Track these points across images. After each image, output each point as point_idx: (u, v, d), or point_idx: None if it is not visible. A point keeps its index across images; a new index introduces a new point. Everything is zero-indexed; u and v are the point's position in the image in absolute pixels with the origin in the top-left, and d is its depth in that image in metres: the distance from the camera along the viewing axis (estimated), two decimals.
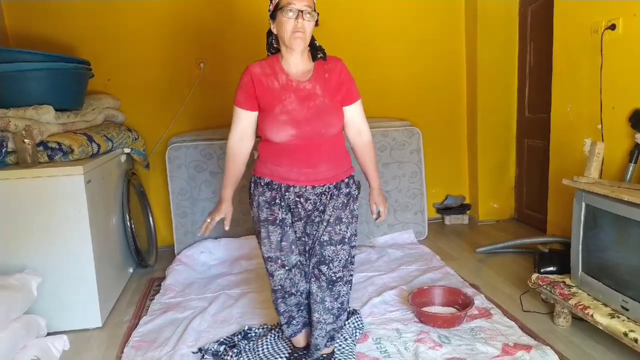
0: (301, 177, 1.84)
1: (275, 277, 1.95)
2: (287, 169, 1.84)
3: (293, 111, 1.77)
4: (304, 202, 1.87)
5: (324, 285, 1.92)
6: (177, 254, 3.43)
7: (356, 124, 1.93)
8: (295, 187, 1.85)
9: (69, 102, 2.86)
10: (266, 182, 1.88)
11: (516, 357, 2.08)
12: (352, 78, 1.90)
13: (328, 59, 1.85)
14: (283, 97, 1.78)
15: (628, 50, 2.54)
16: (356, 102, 1.91)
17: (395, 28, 3.94)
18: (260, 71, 1.81)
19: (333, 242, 1.88)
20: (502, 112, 4.02)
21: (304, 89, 1.80)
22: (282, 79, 1.80)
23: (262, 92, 1.80)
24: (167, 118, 3.73)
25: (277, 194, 1.87)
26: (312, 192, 1.86)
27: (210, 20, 3.67)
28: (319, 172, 1.84)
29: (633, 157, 2.51)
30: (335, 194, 1.88)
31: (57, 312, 2.48)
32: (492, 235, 3.80)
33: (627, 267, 2.08)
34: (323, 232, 1.88)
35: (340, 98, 1.86)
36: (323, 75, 1.83)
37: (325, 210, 1.88)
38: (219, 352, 2.21)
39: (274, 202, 1.87)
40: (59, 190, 2.43)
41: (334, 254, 1.89)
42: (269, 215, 1.88)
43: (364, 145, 1.96)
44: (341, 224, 1.89)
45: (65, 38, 3.48)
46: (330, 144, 1.85)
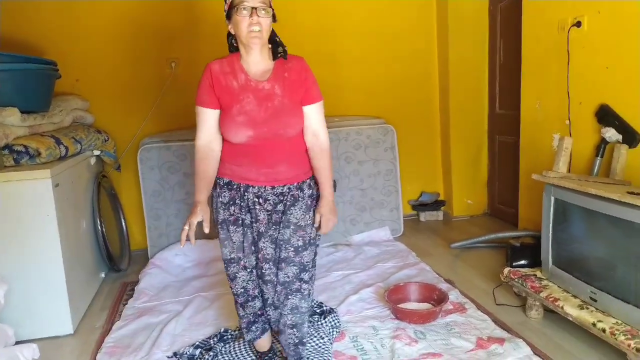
0: (260, 177, 1.81)
1: (238, 280, 1.92)
2: (246, 169, 1.81)
3: (251, 112, 1.74)
4: (263, 202, 1.83)
5: (305, 292, 1.88)
6: (150, 257, 3.38)
7: (313, 126, 1.82)
8: (254, 188, 1.82)
9: (35, 103, 2.78)
10: (225, 182, 1.86)
11: (490, 351, 2.12)
12: (314, 79, 1.83)
13: (290, 57, 1.80)
14: (241, 97, 1.75)
15: (593, 46, 2.61)
16: (316, 103, 1.82)
17: (367, 26, 3.95)
18: (219, 69, 1.78)
19: (306, 245, 1.85)
20: (473, 109, 4.07)
21: (262, 89, 1.76)
22: (241, 78, 1.77)
23: (221, 91, 1.77)
24: (138, 119, 3.66)
25: (236, 194, 1.84)
26: (271, 192, 1.82)
27: (181, 19, 3.61)
28: (279, 172, 1.81)
29: (599, 151, 2.58)
30: (300, 196, 1.84)
31: (26, 319, 2.41)
32: (466, 230, 3.85)
33: (595, 259, 2.13)
34: (294, 237, 1.84)
35: (299, 98, 1.80)
36: (283, 74, 1.78)
37: (290, 213, 1.83)
38: (195, 355, 2.19)
39: (233, 202, 1.84)
40: (26, 194, 2.36)
41: (309, 257, 1.87)
42: (228, 216, 1.86)
43: (320, 150, 1.84)
44: (307, 227, 1.85)
45: (31, 38, 3.38)
46: (291, 144, 1.81)
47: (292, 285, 1.86)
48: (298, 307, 1.88)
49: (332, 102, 3.94)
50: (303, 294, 1.88)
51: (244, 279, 1.91)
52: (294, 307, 1.87)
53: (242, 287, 1.92)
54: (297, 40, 3.93)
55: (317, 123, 1.83)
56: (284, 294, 1.87)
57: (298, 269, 1.85)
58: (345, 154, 3.64)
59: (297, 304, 1.88)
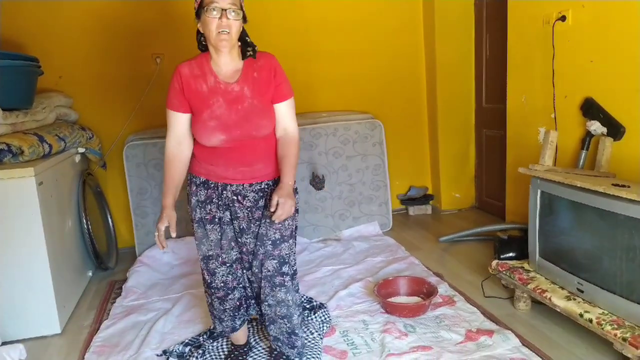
0: (238, 176, 1.82)
1: (217, 275, 1.92)
2: (223, 169, 1.82)
3: (222, 116, 1.74)
4: (242, 199, 1.84)
5: (288, 283, 1.89)
6: (138, 255, 3.35)
7: (283, 123, 1.83)
8: (232, 186, 1.83)
9: (18, 101, 2.73)
10: (202, 180, 1.86)
11: (479, 342, 2.13)
12: (284, 76, 1.82)
13: (259, 55, 1.78)
14: (211, 102, 1.74)
15: (578, 40, 2.63)
16: (286, 100, 1.82)
17: (354, 22, 3.94)
18: (189, 72, 1.76)
19: (285, 238, 1.87)
20: (461, 104, 4.09)
21: (232, 91, 1.75)
22: (210, 80, 1.75)
23: (191, 95, 1.76)
24: (123, 115, 3.62)
25: (213, 192, 1.85)
26: (249, 190, 1.84)
27: (166, 14, 3.57)
28: (256, 169, 1.83)
29: (585, 144, 2.61)
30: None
31: (12, 320, 2.38)
32: (454, 224, 3.88)
33: (582, 251, 2.16)
34: (271, 230, 1.84)
35: (269, 97, 1.79)
36: (252, 74, 1.77)
37: (267, 206, 1.83)
38: (184, 353, 2.18)
39: (210, 201, 1.85)
40: (10, 193, 2.32)
41: (288, 249, 1.88)
42: (205, 215, 1.86)
43: (287, 140, 1.83)
44: (287, 219, 1.83)
45: (12, 35, 3.31)
46: (266, 142, 1.82)
47: (274, 279, 1.87)
48: (284, 300, 1.89)
49: (319, 98, 3.95)
50: (287, 286, 1.88)
51: (224, 274, 1.92)
52: (280, 300, 1.89)
53: (221, 281, 1.93)
54: (284, 36, 3.94)
55: (287, 120, 1.84)
56: (269, 287, 1.89)
57: (278, 262, 1.86)
58: (334, 149, 3.64)
59: (283, 297, 1.89)
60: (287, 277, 1.89)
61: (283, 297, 1.89)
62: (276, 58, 1.83)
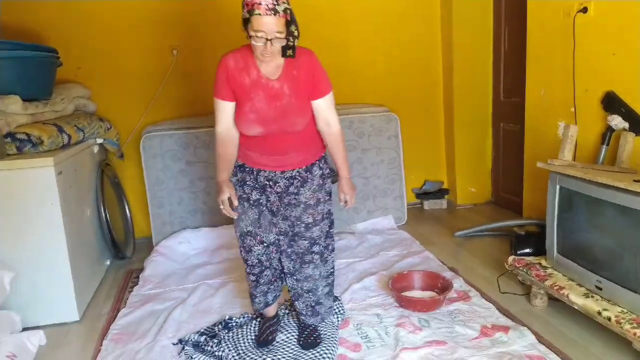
0: (271, 163, 1.95)
1: (253, 252, 2.05)
2: (258, 155, 1.95)
3: (261, 110, 1.84)
4: (273, 185, 1.97)
5: (317, 261, 2.04)
6: (155, 245, 3.39)
7: (324, 116, 1.94)
8: (265, 172, 1.97)
9: (37, 91, 2.77)
10: (239, 164, 2.01)
11: (494, 338, 2.12)
12: (323, 71, 1.91)
13: (299, 53, 1.82)
14: (252, 95, 1.84)
15: (600, 32, 2.58)
16: (325, 96, 1.92)
17: (371, 14, 3.91)
18: (234, 65, 1.84)
19: (317, 221, 2.01)
20: (477, 97, 4.04)
21: (272, 87, 1.84)
22: (253, 74, 1.84)
23: (235, 86, 1.86)
24: (140, 107, 3.65)
25: (247, 175, 1.99)
26: (281, 177, 1.97)
27: (183, 6, 3.58)
28: (288, 158, 1.95)
29: (605, 139, 2.56)
30: (309, 177, 1.99)
31: (32, 306, 2.42)
32: (470, 219, 3.85)
33: (601, 248, 2.13)
34: (305, 214, 1.99)
35: (307, 94, 1.89)
36: (292, 72, 1.85)
37: (300, 193, 1.98)
38: (200, 342, 2.20)
39: (245, 183, 1.99)
40: (30, 182, 2.36)
41: (320, 231, 2.03)
42: (242, 193, 2.00)
43: (332, 135, 1.97)
44: (319, 204, 2.01)
45: (33, 26, 3.35)
46: (299, 134, 1.93)
47: (305, 256, 2.04)
48: (312, 275, 2.06)
49: (335, 90, 3.91)
50: (315, 263, 2.05)
51: (259, 252, 2.06)
52: (308, 275, 2.06)
53: (256, 259, 2.07)
54: (301, 28, 3.91)
55: (328, 113, 1.95)
56: (299, 263, 2.05)
57: (309, 242, 2.02)
58: (349, 142, 3.62)
59: (310, 273, 2.06)
60: (317, 256, 2.04)
61: (311, 272, 2.05)
62: (315, 54, 1.90)
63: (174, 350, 2.19)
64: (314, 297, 2.10)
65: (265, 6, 1.63)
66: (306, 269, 2.05)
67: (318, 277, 2.07)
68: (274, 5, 1.65)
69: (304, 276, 2.06)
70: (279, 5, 1.66)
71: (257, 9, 1.64)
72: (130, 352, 2.18)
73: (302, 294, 2.10)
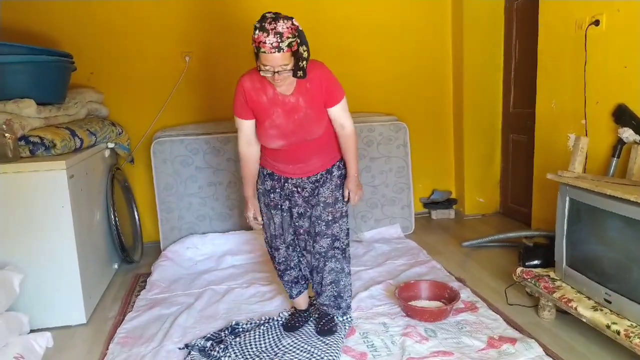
0: (297, 171, 2.12)
1: (280, 252, 2.25)
2: (284, 165, 2.11)
3: (281, 125, 2.00)
4: (301, 190, 2.14)
5: (339, 256, 2.20)
6: (162, 249, 3.40)
7: (339, 120, 2.08)
8: (292, 179, 2.13)
9: (51, 95, 2.81)
10: (268, 172, 2.16)
11: (501, 350, 2.10)
12: (334, 80, 2.02)
13: (310, 67, 1.92)
14: (271, 112, 1.99)
15: (611, 45, 2.57)
16: (339, 103, 2.04)
17: (381, 23, 3.93)
18: (250, 86, 1.98)
19: (336, 219, 2.16)
20: (487, 107, 4.04)
21: (289, 102, 1.98)
22: (269, 93, 1.98)
23: (253, 105, 2.00)
24: (152, 112, 3.68)
25: (277, 183, 2.15)
26: (307, 182, 2.14)
27: (196, 12, 3.62)
28: (311, 164, 2.11)
29: (616, 151, 2.55)
30: (329, 178, 2.14)
31: (40, 308, 2.44)
32: (478, 229, 3.83)
33: (610, 261, 2.11)
34: (324, 213, 2.13)
35: (322, 103, 2.02)
36: (305, 85, 1.97)
37: (319, 193, 2.13)
38: (206, 347, 2.20)
39: (274, 190, 2.16)
40: (42, 185, 2.39)
41: (340, 228, 2.18)
42: (269, 201, 2.17)
43: (345, 136, 2.11)
44: (337, 202, 2.17)
45: (47, 31, 3.41)
46: (317, 141, 2.07)
47: (328, 253, 2.19)
48: (334, 268, 2.21)
49: None
50: (337, 258, 2.21)
51: (284, 252, 2.25)
52: (331, 269, 2.21)
53: (283, 257, 2.26)
54: (309, 37, 3.93)
55: (342, 117, 2.08)
56: (322, 261, 2.19)
57: (331, 239, 2.17)
58: (357, 151, 3.63)
59: (334, 267, 2.21)
60: (338, 251, 2.20)
61: (333, 266, 2.20)
62: (325, 66, 2.02)
63: (179, 355, 2.19)
64: (337, 287, 2.24)
65: (269, 45, 1.75)
66: (330, 263, 2.19)
67: (340, 270, 2.22)
68: (278, 44, 1.75)
69: (328, 270, 2.20)
70: (283, 42, 1.75)
71: (263, 47, 1.76)
72: (136, 356, 2.19)
73: (326, 288, 2.24)
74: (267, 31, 1.74)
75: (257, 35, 1.76)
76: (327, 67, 2.03)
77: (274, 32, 1.74)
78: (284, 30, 1.76)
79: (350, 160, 2.14)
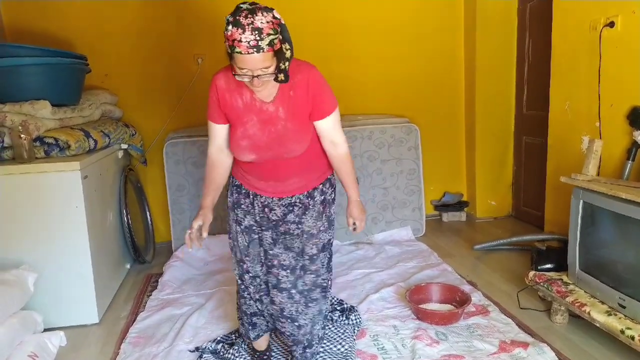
0: (268, 189, 1.80)
1: (244, 281, 1.92)
2: (256, 180, 1.81)
3: (254, 136, 1.68)
4: (269, 212, 1.82)
5: (319, 297, 1.88)
6: (174, 250, 3.43)
7: (329, 137, 1.76)
8: (262, 197, 1.81)
9: (66, 97, 2.85)
10: (237, 184, 1.87)
11: (513, 354, 2.09)
12: (325, 88, 1.70)
13: (296, 69, 1.62)
14: (245, 120, 1.68)
15: (627, 47, 2.54)
16: (329, 116, 1.72)
17: (394, 25, 3.92)
18: (225, 85, 1.68)
19: (319, 252, 1.86)
20: (500, 109, 4.01)
21: (266, 110, 1.67)
22: (246, 96, 1.67)
23: (227, 109, 1.71)
24: (164, 114, 3.71)
25: (243, 198, 1.85)
26: (278, 203, 1.80)
27: (208, 15, 3.65)
28: (288, 184, 1.79)
29: (631, 154, 2.51)
30: (311, 204, 1.82)
31: (54, 308, 2.47)
32: (489, 232, 3.80)
33: (625, 265, 2.08)
34: (308, 246, 1.83)
35: (306, 115, 1.70)
36: (288, 92, 1.65)
37: (302, 222, 1.82)
38: (217, 349, 2.21)
39: (240, 206, 1.85)
40: (56, 185, 2.42)
41: (322, 264, 1.88)
42: (235, 217, 1.87)
43: (339, 157, 1.80)
44: (321, 233, 1.85)
45: (62, 33, 3.46)
46: (300, 159, 1.75)
47: (312, 293, 1.86)
48: (320, 312, 1.89)
49: (356, 100, 3.94)
50: (318, 300, 1.88)
51: (249, 281, 1.91)
52: (315, 314, 1.88)
53: (247, 289, 1.93)
54: (321, 38, 3.95)
55: (334, 133, 1.77)
56: (304, 302, 1.86)
57: (315, 276, 1.86)
58: (368, 153, 3.63)
59: (319, 310, 1.88)
60: (319, 290, 1.88)
61: (318, 309, 1.88)
62: (315, 69, 1.69)
63: (190, 356, 2.20)
64: (310, 336, 1.90)
65: (246, 44, 1.43)
66: (314, 307, 1.86)
67: (317, 313, 1.88)
68: (256, 42, 1.43)
69: (310, 317, 1.86)
70: (262, 40, 1.44)
71: (238, 46, 1.44)
72: (147, 356, 2.21)
73: (302, 341, 1.89)
74: (242, 27, 1.43)
75: (231, 32, 1.44)
76: (318, 71, 1.68)
77: (251, 28, 1.42)
78: (264, 25, 1.43)
79: (350, 184, 1.84)
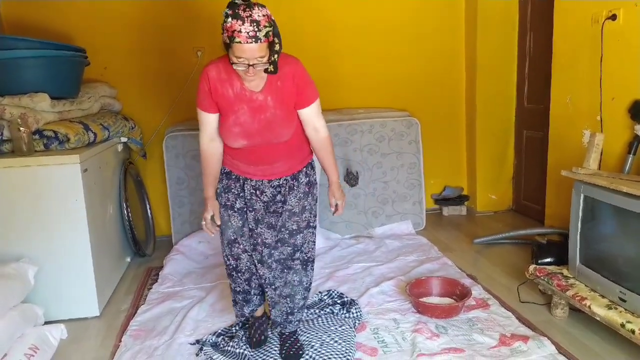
0: (258, 173, 1.94)
1: (242, 259, 2.04)
2: (245, 165, 1.94)
3: (245, 123, 1.82)
4: (260, 194, 1.96)
5: (298, 267, 2.01)
6: (174, 243, 3.43)
7: (312, 124, 1.92)
8: (252, 181, 1.95)
9: (65, 90, 2.83)
10: (226, 171, 1.99)
11: (513, 348, 2.09)
12: (308, 79, 1.86)
13: (283, 62, 1.76)
14: (236, 108, 1.82)
15: (629, 40, 2.53)
16: (311, 104, 1.88)
17: (396, 22, 3.90)
18: (216, 76, 1.81)
19: (301, 229, 1.99)
20: (501, 103, 4.00)
21: (256, 99, 1.81)
22: (236, 87, 1.80)
23: (218, 98, 1.83)
24: (164, 107, 3.70)
25: (233, 183, 1.97)
26: (268, 185, 1.95)
27: (207, 7, 3.63)
28: (275, 167, 1.93)
29: (632, 148, 2.51)
30: (295, 185, 1.97)
31: (55, 301, 2.47)
32: (490, 226, 3.80)
33: (625, 259, 2.08)
34: (289, 222, 1.97)
35: (292, 104, 1.85)
36: (276, 83, 1.80)
37: (286, 201, 1.96)
38: (217, 342, 2.21)
39: (230, 190, 1.98)
40: (55, 179, 2.41)
41: (303, 239, 2.01)
42: (226, 201, 1.99)
43: (321, 140, 1.95)
44: (305, 212, 2.00)
45: (61, 26, 3.44)
46: (286, 144, 1.90)
47: (287, 262, 2.01)
48: (291, 281, 2.03)
49: (357, 95, 3.94)
50: (296, 269, 2.02)
51: (247, 259, 2.04)
52: (287, 281, 2.02)
53: (246, 265, 2.05)
54: (325, 35, 3.93)
55: (315, 120, 1.92)
56: (279, 269, 2.01)
57: (292, 249, 2.00)
58: (369, 146, 3.62)
59: (291, 279, 2.02)
60: (298, 262, 2.02)
61: (290, 278, 2.02)
62: (300, 63, 1.84)
63: (191, 348, 2.21)
64: (291, 303, 2.05)
65: (245, 34, 1.59)
66: (287, 275, 2.01)
67: (297, 283, 2.03)
68: (255, 33, 1.59)
69: (283, 282, 2.01)
70: (260, 31, 1.59)
71: (238, 37, 1.59)
72: (148, 349, 2.21)
73: (279, 301, 2.05)
74: (242, 19, 1.58)
75: (231, 24, 1.59)
76: (302, 64, 1.85)
77: (250, 20, 1.58)
78: (261, 18, 1.60)
79: (329, 166, 1.99)
